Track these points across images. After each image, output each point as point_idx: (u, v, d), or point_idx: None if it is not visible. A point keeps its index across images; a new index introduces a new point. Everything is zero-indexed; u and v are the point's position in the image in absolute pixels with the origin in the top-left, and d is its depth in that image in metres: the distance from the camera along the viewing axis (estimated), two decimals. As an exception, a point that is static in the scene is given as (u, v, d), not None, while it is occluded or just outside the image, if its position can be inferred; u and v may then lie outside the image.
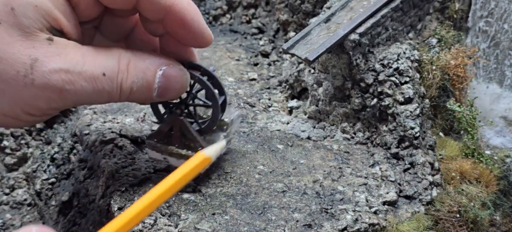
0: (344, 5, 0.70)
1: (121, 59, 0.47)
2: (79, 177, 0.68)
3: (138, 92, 0.48)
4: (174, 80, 0.50)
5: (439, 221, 0.59)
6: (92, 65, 0.46)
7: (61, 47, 0.45)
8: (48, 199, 0.71)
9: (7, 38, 0.43)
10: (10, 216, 0.71)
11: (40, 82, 0.44)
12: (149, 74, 0.48)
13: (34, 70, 0.43)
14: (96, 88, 0.46)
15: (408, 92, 0.65)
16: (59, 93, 0.45)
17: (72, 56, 0.45)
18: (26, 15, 0.44)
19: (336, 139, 0.69)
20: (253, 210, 0.53)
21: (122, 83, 0.47)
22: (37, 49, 0.44)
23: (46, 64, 0.44)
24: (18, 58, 0.43)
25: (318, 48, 0.64)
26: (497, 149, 0.72)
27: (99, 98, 0.47)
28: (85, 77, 0.45)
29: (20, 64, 0.43)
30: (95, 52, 0.47)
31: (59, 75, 0.44)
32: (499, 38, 0.78)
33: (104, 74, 0.46)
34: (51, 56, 0.44)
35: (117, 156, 0.60)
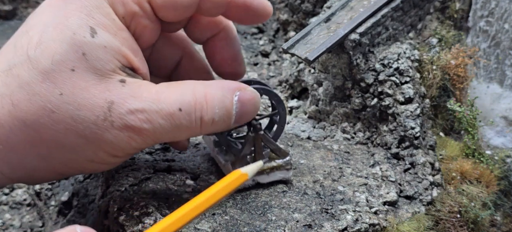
0: (344, 4, 0.70)
1: (196, 91, 0.47)
2: (78, 177, 0.68)
3: (219, 122, 0.48)
4: (249, 104, 0.49)
5: (440, 221, 0.59)
6: (167, 102, 0.46)
7: (134, 87, 0.45)
8: (47, 199, 0.71)
9: (82, 84, 0.43)
10: (10, 216, 0.71)
11: (118, 124, 0.44)
12: (227, 103, 0.48)
13: (112, 113, 0.44)
14: (174, 124, 0.46)
15: (408, 92, 0.64)
16: (138, 133, 0.45)
17: (146, 95, 0.45)
18: (98, 58, 0.44)
19: (336, 139, 0.69)
20: (253, 210, 0.52)
21: (202, 116, 0.47)
22: (112, 92, 0.44)
23: (122, 106, 0.44)
24: (95, 102, 0.43)
25: (318, 48, 0.64)
26: (498, 149, 0.72)
27: (179, 133, 0.47)
28: (161, 115, 0.45)
29: (98, 108, 0.43)
30: (169, 88, 0.47)
31: (136, 116, 0.44)
32: (499, 37, 0.78)
33: (180, 109, 0.46)
34: (126, 97, 0.44)
35: (116, 156, 0.60)
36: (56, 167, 0.47)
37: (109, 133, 0.44)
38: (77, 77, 0.43)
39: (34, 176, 0.48)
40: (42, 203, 0.71)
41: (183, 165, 0.59)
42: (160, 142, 0.49)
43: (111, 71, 0.45)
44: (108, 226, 0.54)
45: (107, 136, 0.44)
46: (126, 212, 0.50)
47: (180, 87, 0.47)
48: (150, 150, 0.62)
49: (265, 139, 0.55)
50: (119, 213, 0.51)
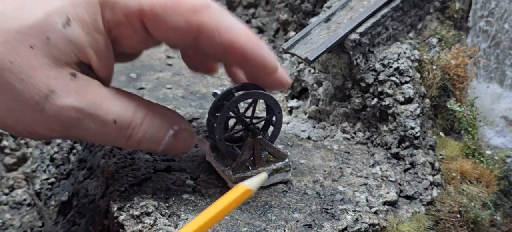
0: (344, 4, 0.70)
1: (138, 112, 0.48)
2: (78, 177, 0.68)
3: (145, 145, 0.49)
4: (180, 142, 0.51)
5: (440, 221, 0.59)
6: (106, 110, 0.46)
7: (82, 85, 0.46)
8: (47, 199, 0.71)
9: (34, 63, 0.44)
10: (10, 216, 0.71)
11: (49, 113, 0.45)
12: (161, 133, 0.49)
13: (47, 101, 0.44)
14: (103, 131, 0.47)
15: (408, 92, 0.64)
16: (63, 127, 0.46)
17: (90, 96, 0.46)
18: (59, 47, 0.45)
19: (336, 139, 0.69)
20: (253, 210, 0.52)
21: (132, 135, 0.48)
22: (57, 81, 0.45)
23: (61, 99, 0.44)
24: (37, 85, 0.44)
25: (318, 48, 0.64)
26: (498, 149, 0.72)
27: (103, 140, 0.49)
28: (95, 120, 0.46)
29: (37, 91, 0.44)
30: (116, 97, 0.47)
31: (70, 112, 0.45)
32: (499, 37, 0.78)
33: (115, 122, 0.46)
34: (69, 91, 0.45)
35: (116, 156, 0.60)
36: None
37: (34, 116, 0.45)
38: (33, 55, 0.44)
39: None
40: (42, 203, 0.71)
41: (183, 165, 0.59)
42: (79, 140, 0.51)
43: (66, 63, 0.45)
44: (108, 226, 0.54)
45: (31, 117, 0.45)
46: (126, 212, 0.50)
47: (125, 102, 0.48)
48: (150, 150, 0.62)
49: (264, 143, 0.55)
50: (119, 213, 0.51)
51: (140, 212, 0.50)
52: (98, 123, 0.46)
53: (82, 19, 0.46)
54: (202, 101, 0.76)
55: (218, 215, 0.43)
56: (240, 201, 0.45)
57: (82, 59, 0.46)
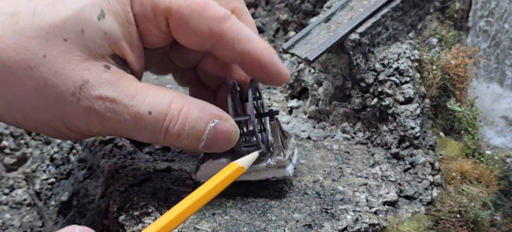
0: (344, 4, 0.70)
1: (174, 103, 0.47)
2: (78, 177, 0.68)
3: (185, 140, 0.47)
4: (223, 135, 0.48)
5: (440, 221, 0.59)
6: (140, 101, 0.46)
7: (115, 76, 0.46)
8: (47, 199, 0.71)
9: (68, 56, 0.44)
10: (10, 216, 0.71)
11: (84, 103, 0.45)
12: (200, 125, 0.47)
13: (82, 91, 0.44)
14: (139, 124, 0.46)
15: (408, 92, 0.64)
16: (100, 119, 0.45)
17: (123, 88, 0.46)
18: (94, 40, 0.45)
19: (336, 139, 0.69)
20: (253, 210, 0.52)
21: (169, 128, 0.46)
22: (91, 73, 0.45)
23: (95, 89, 0.45)
24: (71, 76, 0.44)
25: (318, 48, 0.64)
26: (498, 149, 0.72)
27: (141, 135, 0.47)
28: (129, 111, 0.45)
29: (71, 82, 0.44)
30: (150, 89, 0.47)
31: (104, 103, 0.45)
32: (499, 37, 0.78)
33: (150, 113, 0.46)
34: (103, 82, 0.45)
35: (116, 156, 0.60)
36: (15, 115, 0.47)
37: (71, 108, 0.45)
38: (66, 48, 0.44)
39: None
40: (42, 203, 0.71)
41: (183, 165, 0.59)
42: (118, 136, 0.49)
43: (100, 56, 0.46)
44: (108, 226, 0.54)
45: (68, 110, 0.45)
46: (126, 212, 0.50)
47: (160, 93, 0.47)
48: (150, 150, 0.62)
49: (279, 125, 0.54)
50: (119, 213, 0.51)
51: (140, 212, 0.50)
52: (133, 115, 0.45)
53: (115, 11, 0.46)
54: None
55: (212, 191, 0.44)
56: (232, 179, 0.46)
57: (116, 52, 0.47)
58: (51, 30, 0.44)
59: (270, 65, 0.51)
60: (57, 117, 0.46)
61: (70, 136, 0.49)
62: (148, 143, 0.64)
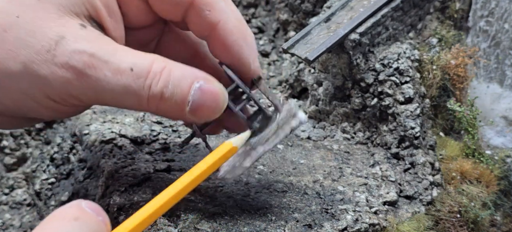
0: (344, 4, 0.70)
1: (156, 62, 0.44)
2: (78, 177, 0.68)
3: (169, 101, 0.44)
4: (210, 97, 0.45)
5: (440, 221, 0.59)
6: (120, 58, 0.43)
7: (92, 34, 0.44)
8: (47, 199, 0.71)
9: (42, 14, 0.43)
10: (10, 216, 0.71)
11: (60, 59, 0.42)
12: (184, 83, 0.44)
13: (58, 47, 0.42)
14: (121, 82, 0.43)
15: (408, 92, 0.64)
16: (78, 75, 0.42)
17: (102, 45, 0.43)
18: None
19: (336, 139, 0.69)
20: (253, 210, 0.52)
21: (152, 85, 0.43)
22: (67, 29, 0.43)
23: (71, 44, 0.42)
24: (46, 33, 0.42)
25: (318, 48, 0.64)
26: (498, 149, 0.72)
27: (125, 97, 0.44)
28: (109, 67, 0.42)
29: (46, 39, 0.42)
30: (130, 50, 0.45)
31: (82, 57, 0.42)
32: (499, 37, 0.78)
33: (131, 69, 0.43)
34: (79, 38, 0.43)
35: (116, 156, 0.60)
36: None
37: (46, 67, 0.42)
38: (40, 6, 0.43)
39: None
40: (42, 203, 0.71)
41: (183, 165, 0.59)
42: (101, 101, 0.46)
43: (75, 14, 0.44)
44: (108, 226, 0.54)
45: (44, 69, 0.42)
46: (126, 212, 0.50)
47: (141, 53, 0.45)
48: (150, 150, 0.62)
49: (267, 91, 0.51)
50: (119, 213, 0.51)
51: (140, 212, 0.50)
52: (113, 70, 0.42)
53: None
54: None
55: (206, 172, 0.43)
56: (226, 158, 0.45)
57: (92, 14, 0.45)
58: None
59: (234, 47, 0.48)
60: (34, 82, 0.43)
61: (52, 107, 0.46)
62: (148, 143, 0.63)
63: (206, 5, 0.47)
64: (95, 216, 0.37)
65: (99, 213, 0.37)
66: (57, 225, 0.36)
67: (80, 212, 0.36)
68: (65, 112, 0.49)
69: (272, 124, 0.49)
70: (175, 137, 0.66)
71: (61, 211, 0.37)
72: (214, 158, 0.45)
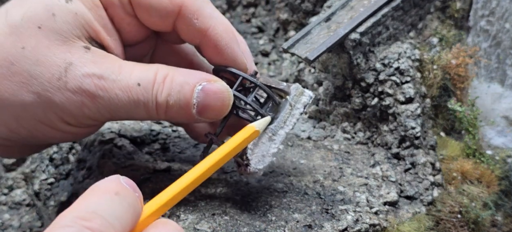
0: (344, 4, 0.70)
1: (159, 72, 0.46)
2: (78, 177, 0.68)
3: (175, 107, 0.46)
4: (214, 96, 0.46)
5: (440, 221, 0.59)
6: (127, 75, 0.45)
7: (97, 55, 0.45)
8: (47, 200, 0.71)
9: (45, 42, 0.44)
10: (9, 216, 0.71)
11: (72, 85, 0.44)
12: (186, 88, 0.46)
13: (68, 73, 0.44)
14: (131, 98, 0.45)
15: (409, 91, 0.64)
16: (92, 98, 0.44)
17: (108, 65, 0.45)
18: (66, 21, 0.45)
19: (336, 139, 0.69)
20: (253, 210, 0.52)
21: (157, 95, 0.45)
22: (73, 54, 0.44)
23: (80, 68, 0.44)
24: (54, 61, 0.44)
25: (318, 48, 0.63)
26: (499, 149, 0.72)
27: (136, 110, 0.46)
28: (119, 86, 0.44)
29: (55, 67, 0.44)
30: (134, 64, 0.46)
31: (92, 80, 0.44)
32: (500, 37, 0.78)
33: (139, 84, 0.45)
34: (86, 62, 0.44)
35: (116, 156, 0.60)
36: (8, 122, 0.46)
37: (61, 94, 0.44)
38: (42, 35, 0.44)
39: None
40: (41, 203, 0.71)
41: (182, 165, 0.59)
42: (115, 117, 0.47)
43: (77, 38, 0.45)
44: (107, 226, 0.54)
45: (58, 97, 0.44)
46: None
47: (145, 66, 0.46)
48: (150, 150, 0.62)
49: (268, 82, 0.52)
50: (119, 213, 0.50)
51: (140, 212, 0.50)
52: (123, 89, 0.44)
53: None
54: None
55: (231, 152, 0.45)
56: (248, 141, 0.47)
57: (92, 35, 0.46)
58: (24, 23, 0.44)
59: (227, 49, 0.50)
60: (49, 109, 0.45)
61: (67, 130, 0.48)
62: (148, 143, 0.63)
63: (193, 13, 0.48)
64: (133, 192, 0.38)
65: (135, 189, 0.38)
66: (98, 198, 0.36)
67: (120, 187, 0.37)
68: (80, 133, 0.50)
69: (286, 105, 0.51)
70: (175, 137, 0.66)
71: (102, 185, 0.37)
72: (238, 140, 0.45)
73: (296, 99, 0.51)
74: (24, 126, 0.47)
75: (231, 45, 0.50)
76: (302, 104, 0.52)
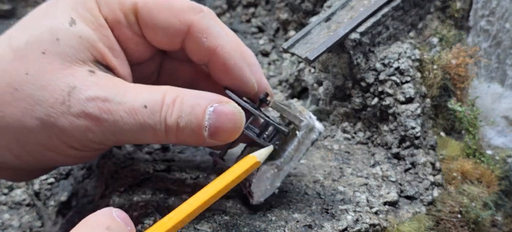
0: (344, 4, 0.70)
1: (168, 94, 0.45)
2: (78, 177, 0.68)
3: (187, 130, 0.44)
4: (226, 118, 0.45)
5: (440, 221, 0.59)
6: (133, 98, 0.44)
7: (102, 78, 0.44)
8: (46, 199, 0.71)
9: (49, 67, 0.43)
10: (9, 216, 0.71)
11: (76, 109, 0.43)
12: (198, 110, 0.44)
13: (71, 97, 0.43)
14: (137, 121, 0.43)
15: (409, 91, 0.64)
16: (96, 122, 0.43)
17: (113, 87, 0.44)
18: (70, 45, 0.44)
19: (336, 139, 0.69)
20: (253, 210, 0.52)
21: (166, 118, 0.44)
22: (76, 78, 0.44)
23: (83, 92, 0.43)
24: (57, 85, 0.43)
25: (318, 47, 0.63)
26: (499, 149, 0.72)
27: (143, 134, 0.44)
28: (124, 108, 0.43)
29: (58, 91, 0.43)
30: (140, 86, 0.45)
31: (96, 103, 0.43)
32: (500, 37, 0.78)
33: (145, 107, 0.43)
34: (90, 85, 0.43)
35: (116, 156, 0.60)
36: (12, 148, 0.46)
37: (64, 119, 0.43)
38: (46, 60, 0.43)
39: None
40: (41, 203, 0.71)
41: (183, 165, 0.59)
42: (121, 141, 0.47)
43: (82, 61, 0.45)
44: (107, 226, 0.54)
45: (62, 122, 0.43)
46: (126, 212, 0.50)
47: (153, 88, 0.45)
48: (149, 150, 0.62)
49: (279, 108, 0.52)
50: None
51: (140, 212, 0.50)
52: (129, 111, 0.43)
53: (84, 16, 0.46)
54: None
55: (229, 185, 0.44)
56: (249, 172, 0.46)
57: (97, 58, 0.46)
58: (28, 47, 0.43)
59: (235, 69, 0.49)
60: (53, 134, 0.44)
61: (75, 155, 0.47)
62: (148, 143, 0.63)
63: (202, 32, 0.48)
64: (124, 226, 0.37)
65: (128, 223, 0.38)
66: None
67: (111, 221, 0.37)
68: (86, 157, 0.50)
69: (294, 141, 0.50)
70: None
71: (93, 219, 0.37)
72: (238, 171, 0.45)
73: (305, 135, 0.50)
74: (28, 151, 0.46)
75: (239, 64, 0.49)
76: (310, 141, 0.51)
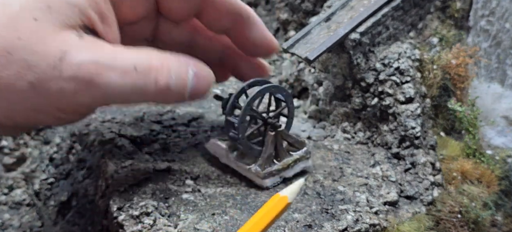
0: (344, 4, 0.70)
1: (154, 56, 0.48)
2: (78, 177, 0.68)
3: (174, 90, 0.48)
4: (203, 80, 0.50)
5: (440, 221, 0.59)
6: (122, 59, 0.46)
7: (91, 42, 0.46)
8: (47, 199, 0.71)
9: (41, 33, 0.45)
10: (9, 216, 0.71)
11: (67, 73, 0.44)
12: (183, 72, 0.49)
13: (63, 62, 0.44)
14: (128, 82, 0.46)
15: (409, 91, 0.64)
16: (87, 85, 0.45)
17: (102, 50, 0.46)
18: (60, 11, 0.46)
19: (336, 139, 0.69)
20: (253, 210, 0.52)
21: (158, 78, 0.47)
22: (67, 43, 0.45)
23: (75, 56, 0.45)
24: (49, 51, 0.44)
25: (318, 47, 0.63)
26: (499, 149, 0.72)
27: (133, 93, 0.47)
28: (116, 71, 0.46)
29: (50, 56, 0.44)
30: (126, 49, 0.48)
31: (87, 67, 0.45)
32: (500, 37, 0.78)
33: (135, 68, 0.46)
34: (81, 49, 0.45)
35: (116, 156, 0.60)
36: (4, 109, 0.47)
37: (55, 83, 0.45)
38: (38, 26, 0.45)
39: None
40: (41, 203, 0.71)
41: (183, 165, 0.59)
42: (112, 102, 0.49)
43: (71, 27, 0.46)
44: (107, 226, 0.54)
45: (53, 86, 0.45)
46: (126, 212, 0.50)
47: (137, 50, 0.48)
48: (149, 150, 0.62)
49: (284, 135, 0.56)
50: (119, 213, 0.50)
51: (140, 212, 0.50)
52: (120, 73, 0.46)
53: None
54: (201, 101, 0.75)
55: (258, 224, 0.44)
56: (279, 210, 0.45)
57: (86, 23, 0.47)
58: (21, 13, 0.45)
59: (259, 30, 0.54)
60: (45, 98, 0.46)
61: (64, 118, 0.49)
62: (148, 143, 0.63)
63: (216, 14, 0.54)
64: None
65: None
66: None
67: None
68: (73, 120, 0.52)
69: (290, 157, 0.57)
70: (175, 137, 0.66)
71: None
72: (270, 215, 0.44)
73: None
74: (18, 113, 0.47)
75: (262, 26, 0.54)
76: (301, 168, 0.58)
